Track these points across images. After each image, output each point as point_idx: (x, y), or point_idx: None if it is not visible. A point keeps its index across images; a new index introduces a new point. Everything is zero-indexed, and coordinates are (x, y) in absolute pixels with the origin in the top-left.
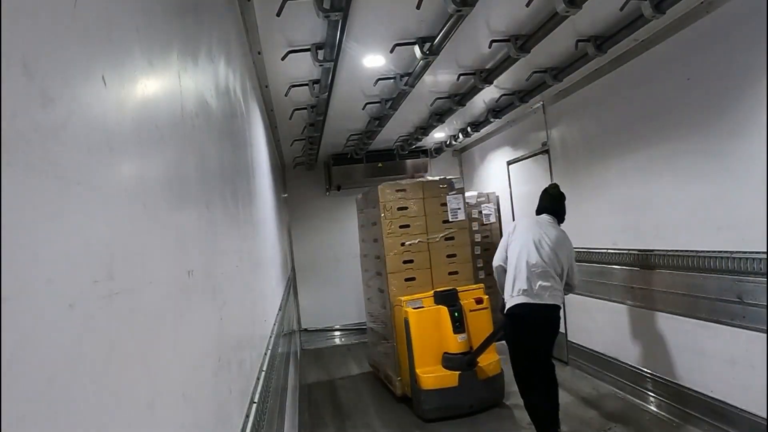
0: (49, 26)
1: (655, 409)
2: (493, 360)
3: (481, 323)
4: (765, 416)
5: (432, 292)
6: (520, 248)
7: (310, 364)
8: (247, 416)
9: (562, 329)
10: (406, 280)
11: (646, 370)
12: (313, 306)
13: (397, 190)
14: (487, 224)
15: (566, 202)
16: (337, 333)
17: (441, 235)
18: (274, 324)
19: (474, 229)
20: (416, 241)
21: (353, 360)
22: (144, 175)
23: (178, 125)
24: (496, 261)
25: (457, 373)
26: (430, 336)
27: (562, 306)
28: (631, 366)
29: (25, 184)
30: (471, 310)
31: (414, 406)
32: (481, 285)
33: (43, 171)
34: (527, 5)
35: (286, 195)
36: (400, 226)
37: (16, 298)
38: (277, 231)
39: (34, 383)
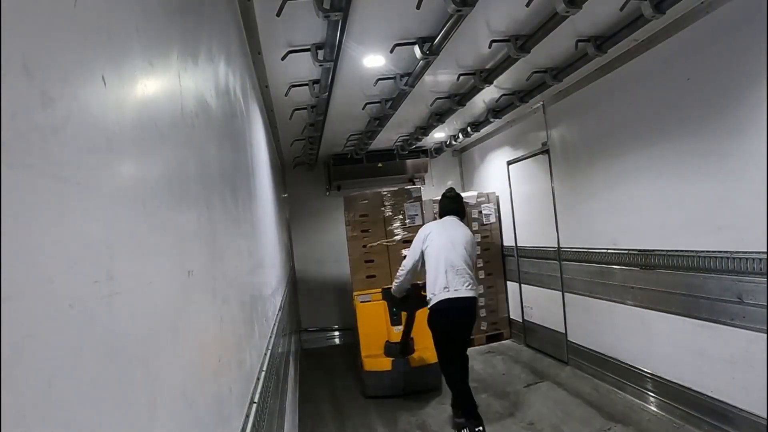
0: (49, 26)
1: (655, 409)
2: (429, 350)
3: (420, 317)
4: (765, 416)
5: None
6: (438, 250)
7: (310, 363)
8: (247, 416)
9: (561, 329)
10: (367, 277)
11: (646, 370)
12: (313, 306)
13: (360, 201)
14: (487, 224)
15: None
16: (337, 333)
17: (399, 238)
18: (274, 324)
19: (474, 229)
20: (376, 244)
21: (350, 356)
22: (144, 175)
23: (178, 125)
24: (408, 265)
25: (391, 359)
26: (374, 326)
27: (477, 296)
28: (631, 366)
29: (25, 184)
30: None
31: (360, 384)
32: None
33: (43, 171)
34: (527, 5)
35: (286, 195)
36: (362, 231)
37: (16, 298)
38: (277, 231)
39: (34, 383)
